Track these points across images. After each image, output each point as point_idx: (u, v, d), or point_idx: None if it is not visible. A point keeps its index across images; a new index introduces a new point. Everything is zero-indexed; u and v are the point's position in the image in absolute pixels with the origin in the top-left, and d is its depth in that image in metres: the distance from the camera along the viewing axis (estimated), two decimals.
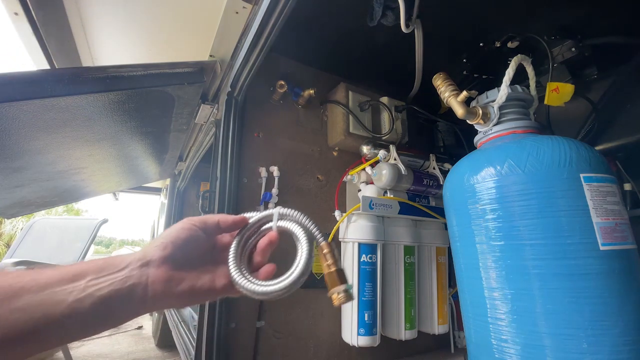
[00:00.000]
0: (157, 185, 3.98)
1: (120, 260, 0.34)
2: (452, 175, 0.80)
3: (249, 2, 0.91)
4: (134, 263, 0.34)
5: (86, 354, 2.94)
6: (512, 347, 0.62)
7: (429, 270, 1.19)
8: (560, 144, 0.65)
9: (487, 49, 1.08)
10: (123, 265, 0.33)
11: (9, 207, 1.91)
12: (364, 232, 1.05)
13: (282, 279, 0.39)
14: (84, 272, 0.32)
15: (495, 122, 0.78)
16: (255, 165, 1.09)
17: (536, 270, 0.61)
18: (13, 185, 1.53)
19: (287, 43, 1.06)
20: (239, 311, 0.97)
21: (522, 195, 0.64)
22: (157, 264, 0.34)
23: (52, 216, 5.74)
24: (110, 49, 1.37)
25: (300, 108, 1.22)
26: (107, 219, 3.31)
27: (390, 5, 0.84)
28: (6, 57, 63.29)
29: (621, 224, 0.61)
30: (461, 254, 0.76)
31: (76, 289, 0.30)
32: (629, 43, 0.94)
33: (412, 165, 1.23)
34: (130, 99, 1.09)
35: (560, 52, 1.02)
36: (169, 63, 1.07)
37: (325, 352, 1.08)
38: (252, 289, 0.38)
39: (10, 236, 8.85)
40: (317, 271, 1.12)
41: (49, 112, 0.97)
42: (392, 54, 1.18)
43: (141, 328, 3.89)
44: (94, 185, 2.29)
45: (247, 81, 0.98)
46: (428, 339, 1.24)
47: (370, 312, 1.01)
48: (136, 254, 0.35)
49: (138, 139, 1.56)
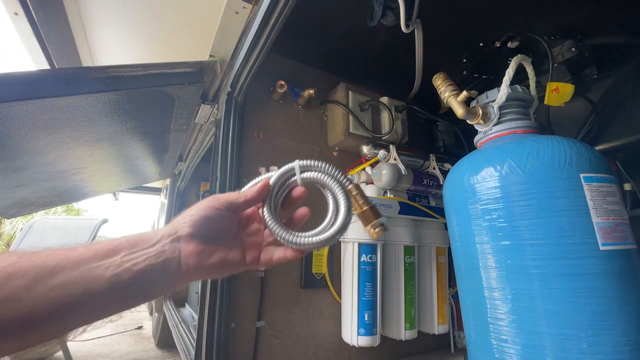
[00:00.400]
0: (157, 185, 3.98)
1: (151, 236, 0.35)
2: (452, 175, 0.80)
3: (249, 2, 0.91)
4: (165, 238, 0.35)
5: (86, 354, 2.94)
6: (512, 347, 0.62)
7: (429, 270, 1.19)
8: (560, 144, 0.65)
9: (487, 49, 1.08)
10: (155, 240, 0.34)
11: (9, 207, 1.91)
12: (363, 232, 1.05)
13: (327, 228, 0.41)
14: (117, 248, 0.32)
15: (495, 122, 0.78)
16: (255, 165, 1.09)
17: (536, 270, 0.61)
18: (13, 185, 1.53)
19: (287, 43, 1.06)
20: (239, 311, 0.97)
21: (522, 195, 0.64)
22: (187, 239, 0.35)
23: (52, 216, 5.75)
24: (110, 49, 1.37)
25: (300, 108, 1.22)
26: (107, 219, 3.31)
27: (390, 5, 0.84)
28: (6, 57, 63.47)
29: (621, 224, 0.61)
30: (461, 254, 0.76)
31: (112, 265, 0.31)
32: (629, 43, 0.94)
33: (412, 165, 1.23)
34: (130, 99, 1.09)
35: (560, 52, 1.02)
36: (169, 63, 1.07)
37: (325, 352, 1.08)
38: (304, 242, 0.40)
39: (10, 236, 8.85)
40: (317, 271, 1.12)
41: (49, 112, 0.97)
42: (392, 54, 1.18)
43: (141, 328, 3.89)
44: (94, 185, 2.29)
45: (247, 81, 0.98)
46: (428, 339, 1.24)
47: (370, 312, 1.01)
48: (165, 229, 0.36)
49: (138, 139, 1.57)
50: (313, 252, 1.12)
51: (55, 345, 2.74)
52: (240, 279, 0.99)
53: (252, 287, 1.01)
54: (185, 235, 0.35)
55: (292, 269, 1.09)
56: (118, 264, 0.31)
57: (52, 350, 2.79)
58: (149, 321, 3.99)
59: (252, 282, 1.01)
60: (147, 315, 4.39)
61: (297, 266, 1.10)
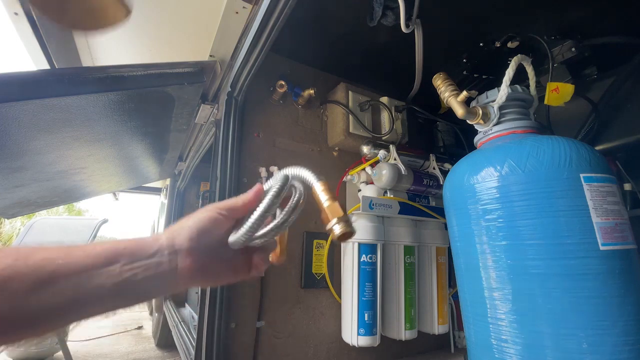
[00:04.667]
0: (157, 185, 3.98)
1: (149, 245, 0.35)
2: (452, 175, 0.80)
3: (249, 2, 0.91)
4: (163, 249, 0.35)
5: (86, 354, 2.94)
6: (512, 347, 0.62)
7: (429, 270, 1.19)
8: (560, 144, 0.65)
9: (487, 49, 1.08)
10: (153, 250, 0.35)
11: (9, 207, 1.91)
12: (364, 232, 1.05)
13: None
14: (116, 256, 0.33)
15: (495, 122, 0.78)
16: (255, 165, 1.09)
17: (536, 270, 0.61)
18: (13, 185, 1.53)
19: (287, 43, 1.06)
20: (239, 311, 0.97)
21: (522, 195, 0.64)
22: (185, 254, 0.36)
23: (52, 216, 5.74)
24: (110, 49, 1.37)
25: (300, 108, 1.22)
26: (107, 219, 3.31)
27: (390, 5, 0.84)
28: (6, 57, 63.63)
29: (621, 224, 0.61)
30: (461, 254, 0.76)
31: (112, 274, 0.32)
32: (629, 43, 0.94)
33: (412, 165, 1.23)
34: (130, 99, 1.09)
35: (560, 52, 1.02)
36: (169, 63, 1.07)
37: (325, 352, 1.08)
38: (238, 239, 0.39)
39: (9, 236, 8.85)
40: (317, 271, 1.12)
41: (49, 112, 0.97)
42: (392, 54, 1.18)
43: (141, 328, 3.89)
44: (94, 185, 2.29)
45: (247, 81, 0.98)
46: (428, 339, 1.24)
47: (371, 312, 1.01)
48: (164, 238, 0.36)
49: (138, 139, 1.56)
50: (313, 252, 1.12)
51: (54, 345, 2.74)
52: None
53: (252, 287, 1.01)
54: (183, 250, 0.36)
55: (292, 268, 1.09)
56: (118, 273, 0.32)
57: (52, 350, 2.79)
58: (149, 321, 3.99)
59: (252, 282, 1.01)
60: (147, 315, 4.39)
61: (297, 266, 1.10)
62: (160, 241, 0.36)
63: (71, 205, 10.77)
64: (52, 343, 2.75)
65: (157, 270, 0.34)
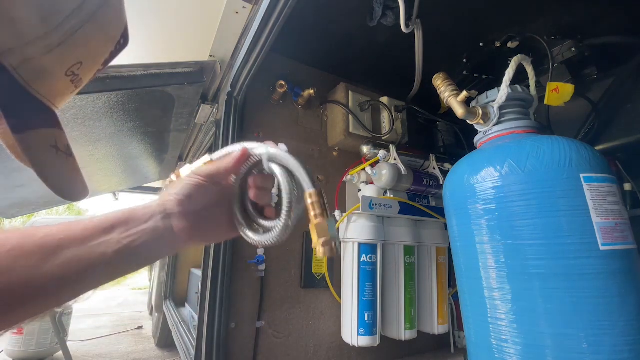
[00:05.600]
0: (157, 185, 3.98)
1: (142, 213, 0.37)
2: (452, 175, 0.80)
3: (249, 2, 0.91)
4: (157, 215, 0.37)
5: (86, 354, 2.94)
6: (512, 347, 0.62)
7: (429, 270, 1.19)
8: (560, 144, 0.65)
9: (487, 49, 1.08)
10: (147, 217, 0.36)
11: (9, 207, 1.91)
12: (364, 232, 1.05)
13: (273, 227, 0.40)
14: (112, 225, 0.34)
15: (495, 122, 0.78)
16: None
17: (536, 271, 0.61)
18: (13, 185, 1.53)
19: (287, 43, 1.06)
20: (239, 311, 0.97)
21: (522, 195, 0.64)
22: (178, 217, 0.37)
23: (52, 216, 5.74)
24: None
25: (300, 108, 1.22)
26: None
27: (390, 5, 0.85)
28: None
29: (621, 224, 0.61)
30: (461, 254, 0.76)
31: (112, 242, 0.33)
32: (628, 43, 0.94)
33: (412, 165, 1.23)
34: (130, 99, 1.09)
35: (560, 52, 1.02)
36: (169, 63, 1.07)
37: (325, 352, 1.08)
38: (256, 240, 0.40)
39: None
40: (317, 271, 1.12)
41: None
42: (392, 54, 1.18)
43: (141, 328, 3.89)
44: (94, 185, 2.29)
45: (247, 81, 0.98)
46: (428, 339, 1.24)
47: (370, 312, 1.01)
48: (155, 205, 0.38)
49: (138, 139, 1.56)
50: (313, 252, 1.12)
51: (54, 345, 2.74)
52: (240, 279, 0.99)
53: (252, 287, 1.01)
54: (176, 212, 0.37)
55: (292, 268, 1.09)
56: (117, 241, 0.33)
57: (52, 350, 2.79)
58: (149, 321, 3.99)
59: (252, 282, 1.01)
60: (147, 315, 4.39)
61: (297, 266, 1.10)
62: (152, 208, 0.37)
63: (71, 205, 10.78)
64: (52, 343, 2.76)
65: (155, 234, 0.36)
